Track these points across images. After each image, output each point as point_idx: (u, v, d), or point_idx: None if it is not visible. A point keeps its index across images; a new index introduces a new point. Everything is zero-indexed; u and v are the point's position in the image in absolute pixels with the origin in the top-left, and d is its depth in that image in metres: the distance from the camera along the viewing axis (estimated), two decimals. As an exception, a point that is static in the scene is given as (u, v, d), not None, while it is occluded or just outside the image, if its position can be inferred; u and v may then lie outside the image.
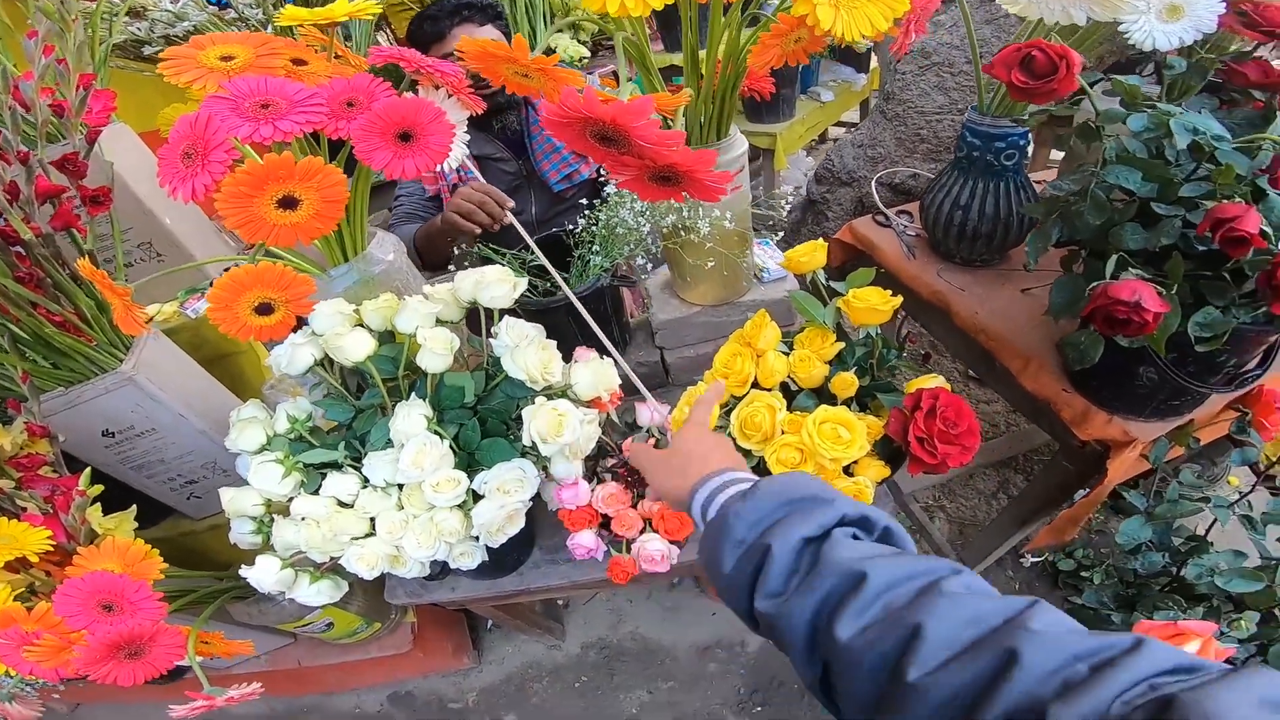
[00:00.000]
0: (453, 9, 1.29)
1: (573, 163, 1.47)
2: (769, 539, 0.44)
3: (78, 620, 0.72)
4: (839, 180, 1.54)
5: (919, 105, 1.43)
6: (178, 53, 0.63)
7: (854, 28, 0.57)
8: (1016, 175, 1.08)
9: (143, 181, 1.04)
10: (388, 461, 0.75)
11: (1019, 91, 0.79)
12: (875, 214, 1.30)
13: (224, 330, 0.58)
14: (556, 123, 0.50)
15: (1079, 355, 0.84)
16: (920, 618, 0.35)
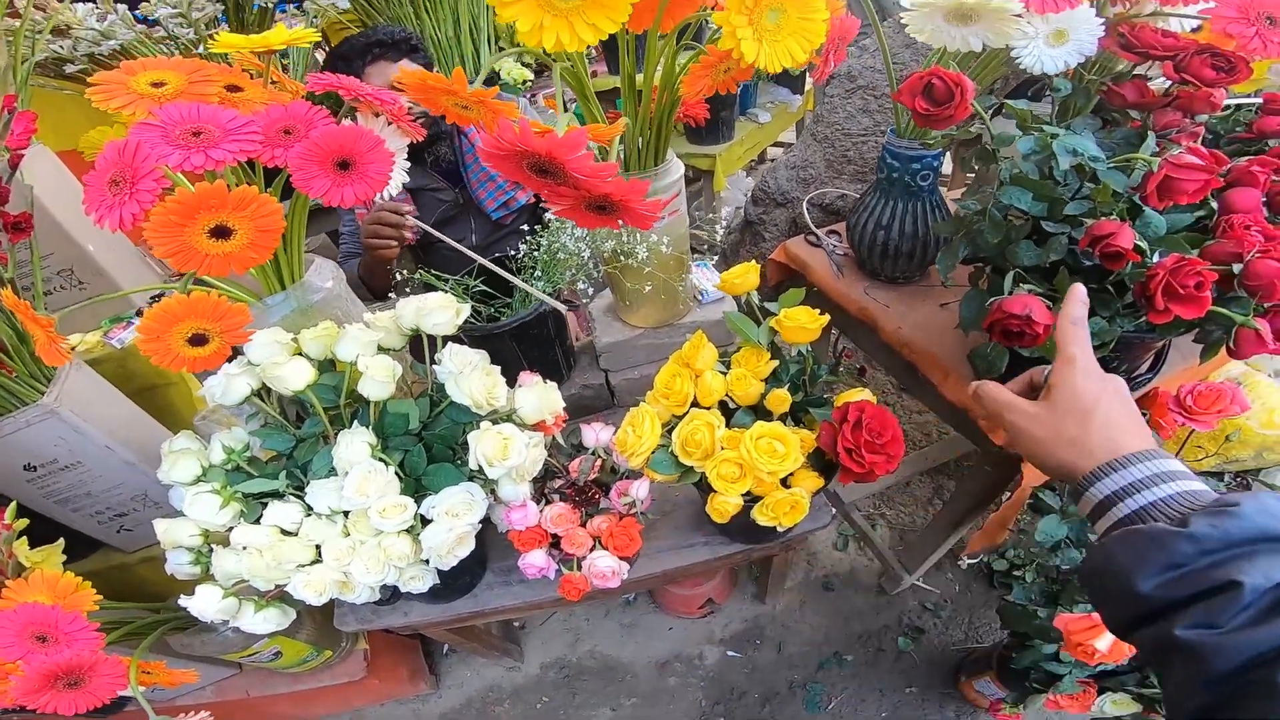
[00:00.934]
0: (362, 48, 1.27)
1: (509, 189, 1.46)
2: (1236, 574, 0.37)
3: (10, 652, 0.70)
4: (774, 201, 1.60)
5: (845, 127, 1.50)
6: (107, 78, 0.61)
7: (775, 60, 0.60)
8: (932, 195, 1.14)
9: (63, 205, 1.00)
10: (331, 489, 0.74)
11: (922, 118, 0.83)
12: (807, 234, 1.35)
13: (156, 362, 0.56)
14: (493, 155, 0.51)
15: (987, 365, 0.90)
16: None
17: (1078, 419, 0.49)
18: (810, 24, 0.61)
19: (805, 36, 0.61)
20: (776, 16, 0.60)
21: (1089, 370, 0.51)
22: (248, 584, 0.78)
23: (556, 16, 0.52)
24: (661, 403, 0.83)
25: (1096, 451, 0.47)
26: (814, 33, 0.61)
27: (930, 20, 0.81)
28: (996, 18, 0.77)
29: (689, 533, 1.03)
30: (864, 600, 1.69)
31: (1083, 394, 0.49)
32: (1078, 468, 0.48)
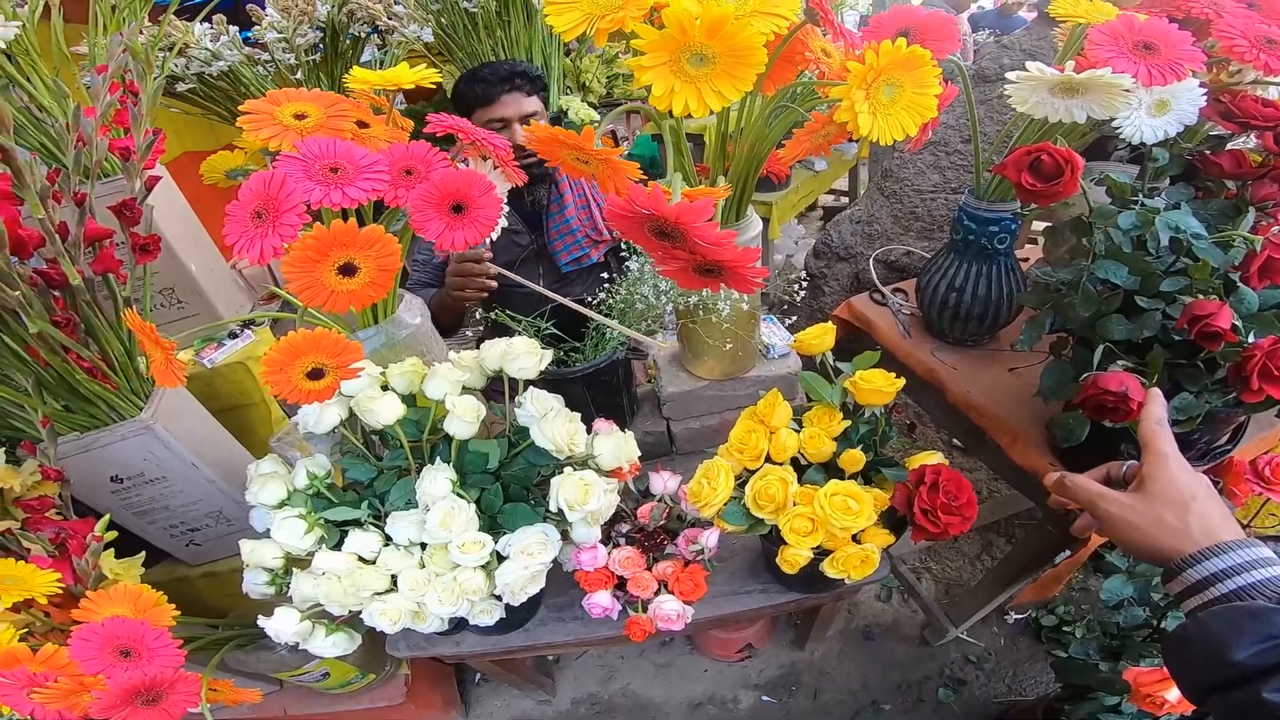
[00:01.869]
0: (505, 76, 1.32)
1: (584, 246, 1.49)
2: None
3: (93, 665, 0.70)
4: (836, 255, 1.60)
5: (915, 183, 1.51)
6: (256, 106, 0.65)
7: (887, 133, 0.62)
8: (1007, 258, 1.13)
9: (171, 225, 1.04)
10: (413, 522, 0.75)
11: (1027, 193, 0.84)
12: (872, 292, 1.35)
13: (275, 393, 0.58)
14: (618, 215, 0.53)
15: (1066, 434, 0.89)
16: None
17: (1176, 509, 0.54)
18: (923, 98, 0.63)
19: (917, 110, 0.63)
20: (892, 91, 0.61)
21: (1182, 465, 0.57)
22: (321, 608, 0.80)
23: (687, 83, 0.55)
24: (736, 457, 0.85)
25: (1197, 538, 0.52)
26: (926, 106, 0.63)
27: (1035, 93, 0.82)
28: (1106, 92, 0.78)
29: (745, 579, 1.03)
30: (905, 651, 1.65)
31: (1181, 487, 0.55)
32: (1177, 551, 0.52)
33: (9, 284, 0.62)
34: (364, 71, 0.75)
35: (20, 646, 0.71)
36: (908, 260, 1.48)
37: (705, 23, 0.53)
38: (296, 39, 1.43)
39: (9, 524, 0.79)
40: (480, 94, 1.33)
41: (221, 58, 1.39)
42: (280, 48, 1.44)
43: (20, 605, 0.76)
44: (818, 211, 3.68)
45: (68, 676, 0.70)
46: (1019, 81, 0.83)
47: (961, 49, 1.84)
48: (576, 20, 0.58)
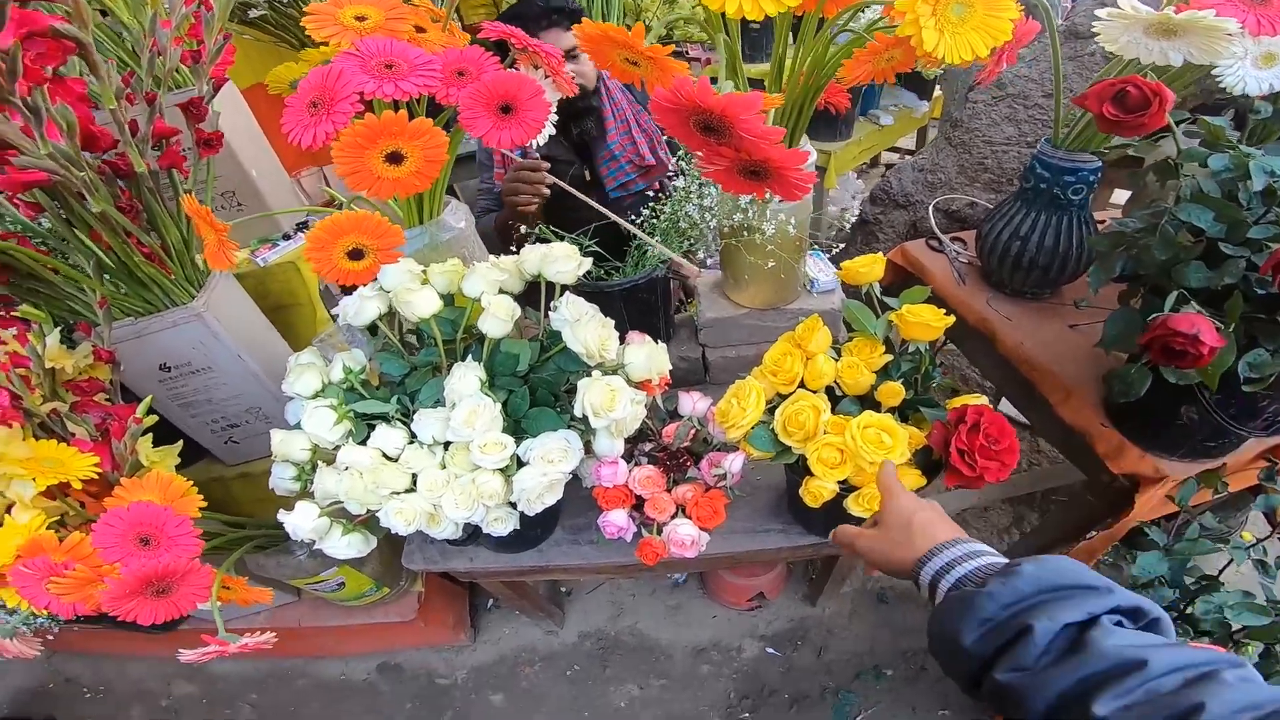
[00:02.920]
0: (540, 12, 1.33)
1: (629, 173, 1.53)
2: (1029, 619, 0.46)
3: (113, 552, 0.73)
4: (894, 202, 1.58)
5: (987, 135, 1.46)
6: (320, 8, 0.68)
7: (955, 51, 0.61)
8: (1081, 211, 1.11)
9: (237, 134, 1.11)
10: (438, 419, 0.79)
11: (1107, 123, 0.82)
12: (929, 238, 1.33)
13: (316, 270, 0.62)
14: (665, 108, 0.54)
15: (1125, 388, 0.88)
16: (1200, 697, 0.38)
17: (901, 529, 0.64)
18: (996, 20, 0.61)
19: (989, 32, 0.61)
20: (962, 10, 0.60)
21: (906, 496, 0.68)
22: (341, 507, 0.84)
23: None
24: (769, 379, 0.85)
25: (919, 546, 0.61)
26: (999, 29, 0.61)
27: (1128, 31, 0.80)
28: (1207, 35, 0.75)
29: (766, 518, 1.05)
30: (918, 618, 1.66)
31: (903, 510, 0.65)
32: (909, 560, 0.61)
33: (76, 165, 0.68)
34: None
35: (47, 534, 0.75)
36: (970, 212, 1.45)
37: None
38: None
39: (56, 405, 0.84)
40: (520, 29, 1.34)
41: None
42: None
43: (56, 492, 0.80)
44: (879, 168, 3.58)
45: (86, 565, 0.74)
46: (1110, 19, 0.80)
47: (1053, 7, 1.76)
48: None
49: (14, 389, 0.78)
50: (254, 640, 0.89)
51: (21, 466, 0.77)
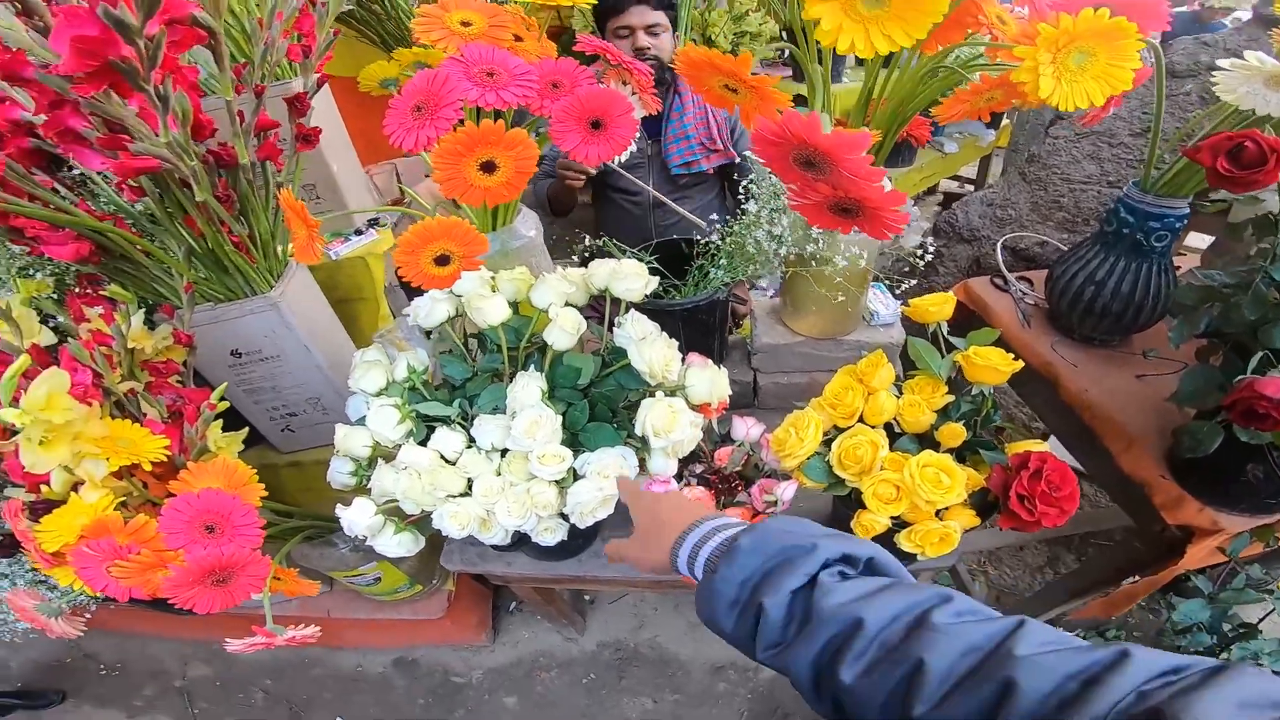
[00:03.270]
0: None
1: (696, 153, 1.63)
2: (760, 597, 0.47)
3: (179, 538, 0.74)
4: (959, 235, 1.55)
5: (1066, 172, 1.44)
6: (429, 10, 0.71)
7: (1071, 100, 0.60)
8: (1162, 259, 1.08)
9: (323, 128, 1.12)
10: (499, 426, 0.80)
11: (1219, 178, 0.82)
12: (994, 276, 1.31)
13: (403, 274, 0.64)
14: (767, 140, 0.55)
15: (1195, 444, 0.89)
16: (919, 652, 0.38)
17: (651, 528, 0.63)
18: (1117, 70, 0.61)
19: (1108, 81, 0.61)
20: (1083, 59, 0.60)
21: (645, 498, 0.67)
22: (395, 505, 0.85)
23: (856, 22, 0.55)
24: (828, 412, 0.85)
25: (666, 540, 0.59)
26: (1118, 79, 0.61)
27: (1248, 83, 0.80)
28: None
29: None
30: None
31: (646, 510, 0.65)
32: (664, 558, 0.59)
33: (187, 155, 0.71)
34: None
35: (113, 515, 0.76)
36: (1039, 251, 1.42)
37: None
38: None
39: (133, 385, 0.87)
40: (613, 3, 1.51)
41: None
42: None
43: (124, 472, 0.81)
44: (936, 196, 3.55)
45: (150, 549, 0.75)
46: (1231, 69, 0.80)
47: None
48: None
49: (97, 368, 0.81)
50: (300, 633, 0.90)
51: (97, 445, 0.78)
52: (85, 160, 0.75)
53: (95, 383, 0.82)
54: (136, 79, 0.62)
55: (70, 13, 0.58)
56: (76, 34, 0.58)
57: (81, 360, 0.81)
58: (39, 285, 0.95)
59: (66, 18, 0.58)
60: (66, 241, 0.82)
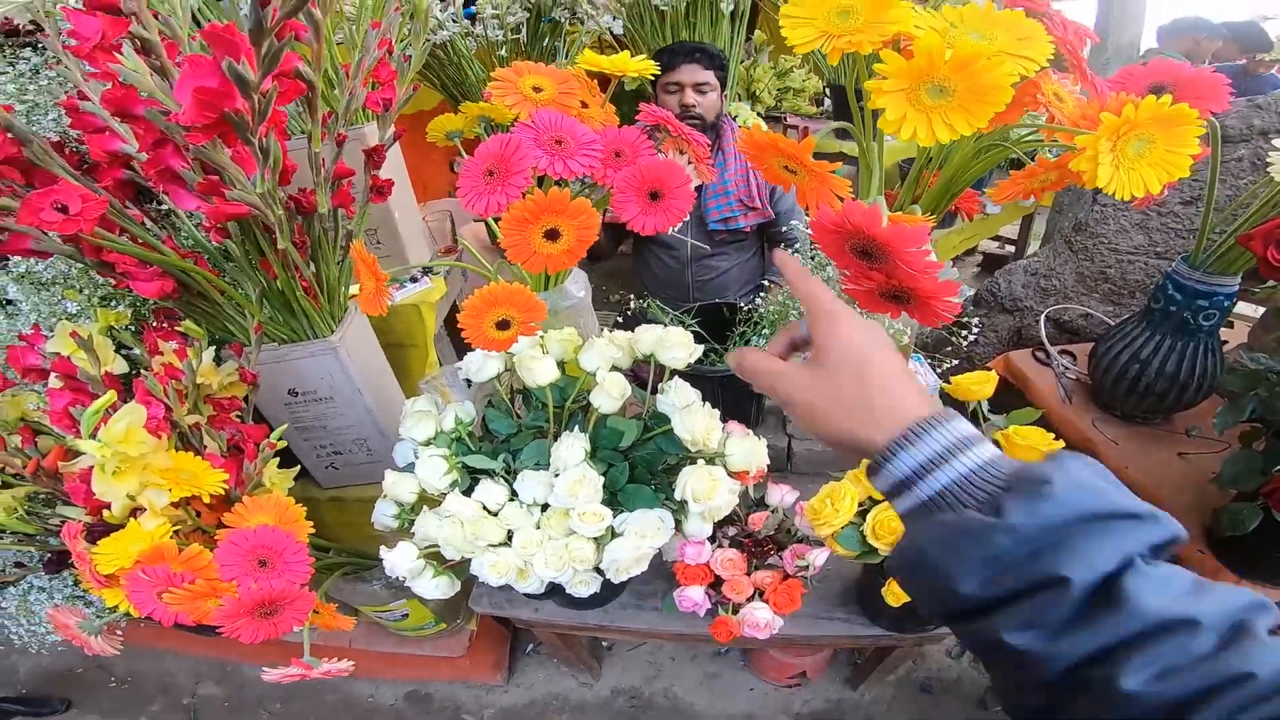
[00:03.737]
0: (689, 50, 1.62)
1: (735, 209, 1.67)
2: (1059, 567, 0.35)
3: (232, 570, 0.77)
4: (1000, 306, 1.55)
5: (1114, 242, 1.42)
6: (503, 75, 0.75)
7: (1128, 188, 0.59)
8: (1209, 338, 1.07)
9: (388, 173, 1.16)
10: (542, 483, 0.83)
11: (1271, 269, 0.81)
12: (1036, 349, 1.30)
13: (467, 337, 0.67)
14: (825, 228, 0.57)
15: (1233, 523, 0.90)
16: (1247, 667, 0.32)
17: (853, 376, 0.44)
18: (1175, 157, 0.60)
19: (1166, 169, 0.60)
20: (1142, 146, 0.59)
21: (854, 317, 0.47)
22: (436, 550, 0.88)
23: (919, 112, 0.57)
24: (864, 484, 0.86)
25: (882, 419, 0.43)
26: (1177, 166, 0.60)
27: None
28: None
29: (832, 605, 1.06)
30: (960, 712, 1.59)
31: (857, 346, 0.45)
32: (871, 441, 0.43)
33: (275, 204, 0.76)
34: (594, 55, 0.84)
35: (169, 543, 0.78)
36: (1084, 323, 1.41)
37: (956, 58, 0.55)
38: (508, 17, 1.61)
39: (198, 418, 0.91)
40: (666, 61, 1.59)
41: (445, 28, 1.58)
42: (493, 24, 1.61)
43: (180, 501, 0.83)
44: (976, 256, 3.51)
45: (205, 579, 0.77)
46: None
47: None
48: (811, 36, 0.60)
49: (169, 402, 0.85)
50: (334, 666, 0.92)
51: (161, 476, 0.81)
52: (179, 200, 0.80)
53: (165, 416, 0.86)
54: (245, 131, 0.65)
55: (195, 63, 0.62)
56: (200, 85, 0.61)
57: (156, 395, 0.85)
58: (118, 316, 1.01)
59: (192, 67, 0.62)
60: (153, 278, 0.87)
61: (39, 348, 0.93)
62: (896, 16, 0.59)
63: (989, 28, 0.60)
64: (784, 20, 0.61)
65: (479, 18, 1.63)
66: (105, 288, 1.04)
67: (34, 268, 1.03)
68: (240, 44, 0.58)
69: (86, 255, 0.79)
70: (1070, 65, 0.69)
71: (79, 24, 0.70)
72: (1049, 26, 0.67)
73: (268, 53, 0.59)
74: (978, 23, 0.60)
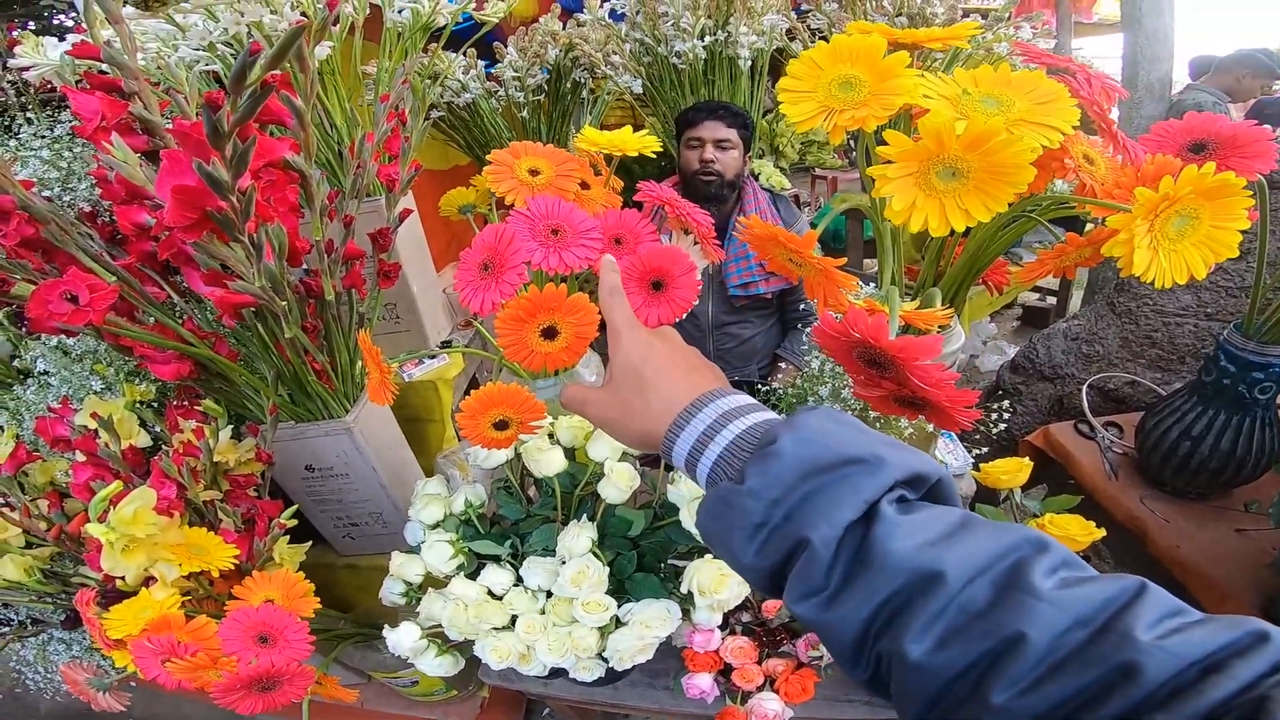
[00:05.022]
0: (712, 108, 1.65)
1: (756, 274, 1.64)
2: (804, 529, 0.35)
3: (233, 645, 0.77)
4: (1040, 373, 1.47)
5: (1158, 303, 1.35)
6: (500, 157, 0.74)
7: (1169, 275, 0.52)
8: (1267, 412, 1.00)
9: (407, 248, 1.18)
10: (547, 570, 0.82)
11: None
12: (1079, 421, 1.22)
13: (465, 435, 0.65)
14: (828, 335, 0.53)
15: None
16: (1017, 625, 0.30)
17: (633, 384, 0.47)
18: (1223, 234, 0.53)
19: (1211, 248, 0.53)
20: (1184, 223, 0.52)
21: (634, 333, 0.49)
22: (440, 629, 0.87)
23: (930, 197, 0.51)
24: None
25: (658, 412, 0.45)
26: (1225, 244, 0.53)
27: None
28: None
29: (850, 688, 1.00)
30: None
31: (631, 357, 0.48)
32: (657, 435, 0.45)
33: (280, 293, 0.76)
34: (593, 132, 0.83)
35: (176, 614, 0.80)
36: (1129, 391, 1.32)
37: (968, 135, 0.48)
38: (529, 78, 1.63)
39: (214, 495, 0.92)
40: (690, 118, 1.63)
41: (469, 89, 1.61)
42: (514, 85, 1.64)
43: (193, 574, 0.84)
44: (1015, 310, 3.34)
45: (206, 651, 0.77)
46: None
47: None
48: (811, 112, 0.55)
49: (183, 481, 0.86)
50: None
51: (172, 552, 0.83)
52: (194, 284, 0.81)
53: (180, 495, 0.87)
54: (233, 229, 0.65)
55: (173, 159, 0.61)
56: (177, 184, 0.60)
57: (170, 475, 0.86)
58: (143, 392, 1.03)
59: (169, 163, 0.61)
60: (170, 360, 0.89)
61: (68, 420, 0.96)
62: (902, 87, 0.53)
63: (1005, 92, 0.54)
64: (782, 95, 0.57)
65: (500, 79, 1.66)
66: (133, 362, 1.06)
67: (64, 341, 1.06)
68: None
69: (105, 339, 0.81)
70: (1098, 128, 0.64)
71: (78, 104, 0.70)
72: (1072, 87, 0.61)
73: (234, 154, 0.59)
74: (993, 87, 0.54)
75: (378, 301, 0.98)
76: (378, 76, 1.17)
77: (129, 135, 0.74)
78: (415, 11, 1.19)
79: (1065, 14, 2.42)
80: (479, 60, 1.69)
